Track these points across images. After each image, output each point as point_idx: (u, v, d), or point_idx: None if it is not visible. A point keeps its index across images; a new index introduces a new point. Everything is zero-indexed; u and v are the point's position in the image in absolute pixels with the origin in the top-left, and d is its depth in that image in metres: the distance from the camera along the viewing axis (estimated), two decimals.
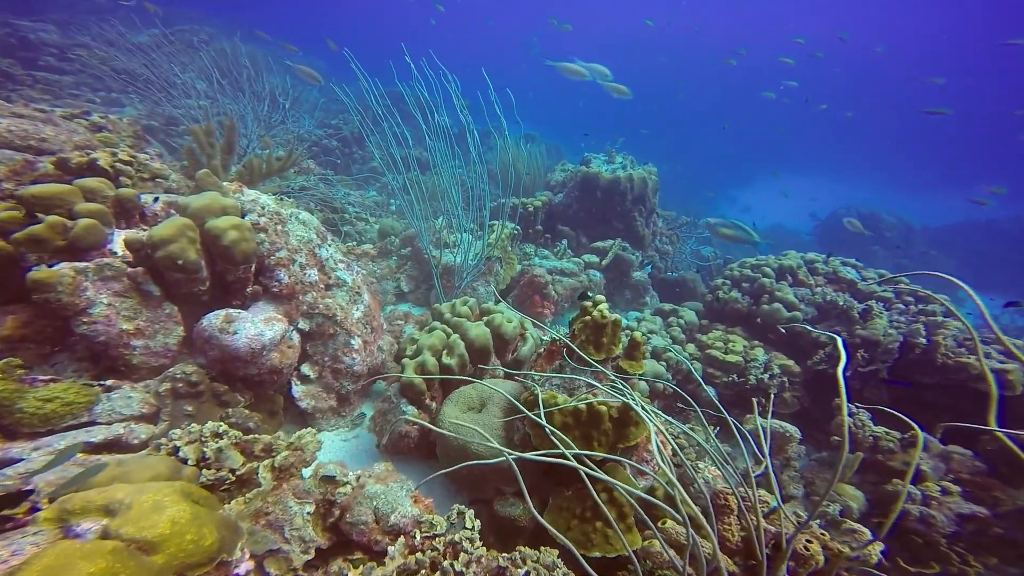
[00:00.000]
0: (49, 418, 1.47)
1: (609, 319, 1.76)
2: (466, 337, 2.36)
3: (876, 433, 2.20)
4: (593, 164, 5.07)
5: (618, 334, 1.80)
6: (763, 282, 3.43)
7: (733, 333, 3.32)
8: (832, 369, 2.80)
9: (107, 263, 1.71)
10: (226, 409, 1.92)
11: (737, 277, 3.65)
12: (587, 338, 1.80)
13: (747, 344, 3.16)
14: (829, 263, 3.46)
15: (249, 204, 2.27)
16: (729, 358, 3.03)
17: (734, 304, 3.49)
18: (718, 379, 3.05)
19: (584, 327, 1.82)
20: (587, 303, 1.91)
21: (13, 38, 7.34)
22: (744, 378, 2.96)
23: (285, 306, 2.28)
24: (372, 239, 4.68)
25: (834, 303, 3.03)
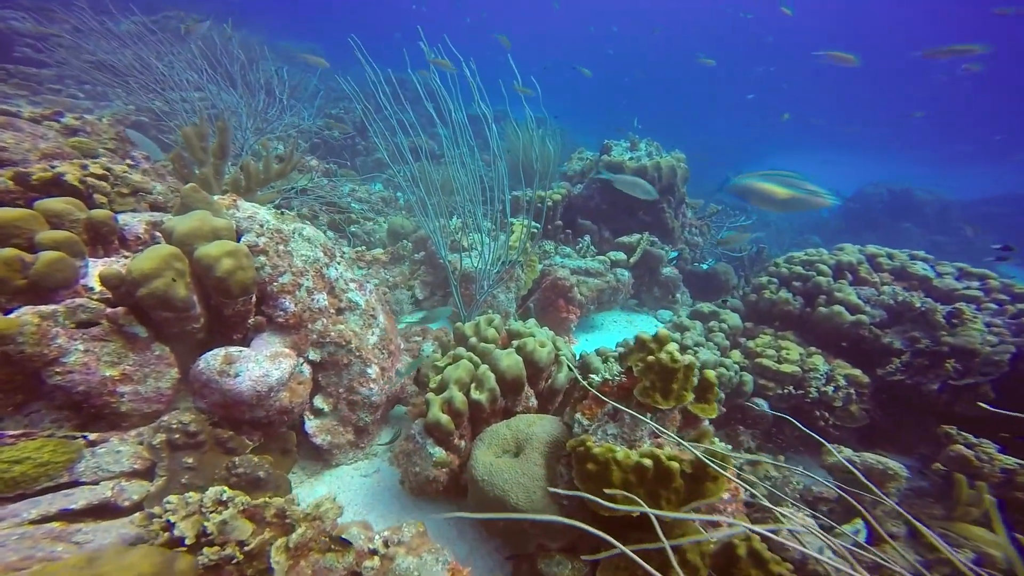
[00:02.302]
0: (18, 482, 1.23)
1: (681, 363, 1.48)
2: (496, 368, 2.09)
3: (1008, 466, 1.90)
4: (614, 152, 4.69)
5: (691, 379, 1.51)
6: (818, 281, 3.10)
7: (784, 339, 3.03)
8: (912, 379, 2.51)
9: (80, 304, 1.44)
10: (232, 457, 1.67)
11: (786, 275, 3.32)
12: (652, 384, 1.51)
13: (803, 351, 2.87)
14: (895, 257, 3.11)
15: (245, 222, 1.97)
16: (784, 368, 2.74)
17: (783, 306, 3.18)
18: (771, 391, 2.78)
19: (647, 370, 1.53)
20: (649, 340, 1.62)
21: None
22: (803, 390, 2.68)
23: (292, 337, 2.01)
24: (381, 239, 4.38)
25: (908, 304, 2.70)
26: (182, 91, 5.31)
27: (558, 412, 2.43)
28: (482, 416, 2.09)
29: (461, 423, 2.03)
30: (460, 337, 2.46)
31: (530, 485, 1.71)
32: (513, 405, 2.18)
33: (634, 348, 1.72)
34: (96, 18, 6.32)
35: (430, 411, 1.97)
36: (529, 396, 2.24)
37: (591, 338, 4.14)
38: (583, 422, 1.73)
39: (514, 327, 2.42)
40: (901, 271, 3.05)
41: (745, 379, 2.81)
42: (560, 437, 1.87)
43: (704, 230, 5.03)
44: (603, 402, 1.77)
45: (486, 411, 2.07)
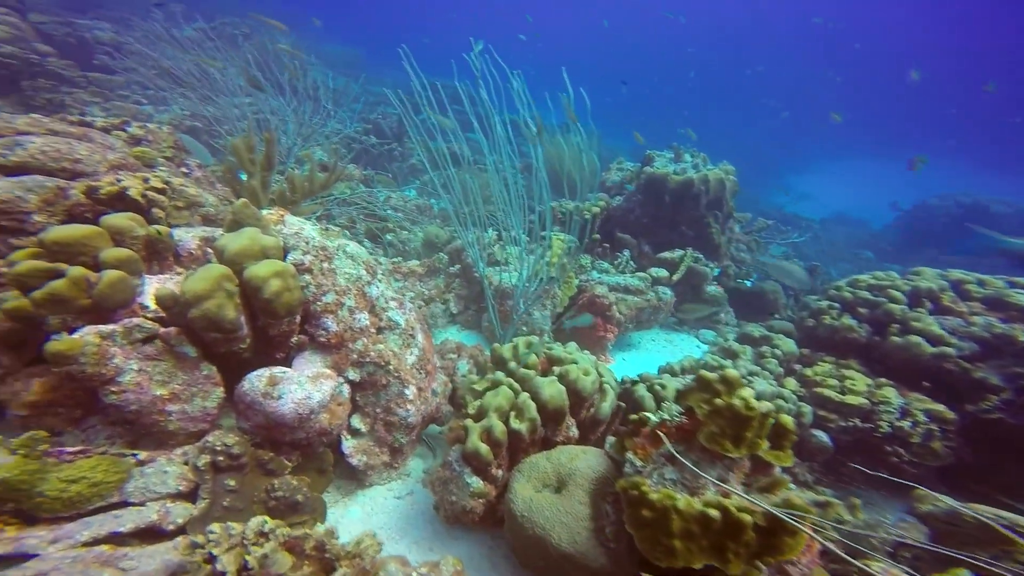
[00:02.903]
0: (74, 502, 1.25)
1: (757, 411, 1.34)
2: (537, 397, 2.00)
3: None
4: (657, 163, 4.51)
5: (767, 426, 1.37)
6: (889, 308, 2.84)
7: (848, 368, 2.79)
8: (1017, 419, 2.25)
9: (137, 324, 1.45)
10: (271, 480, 1.66)
11: (849, 300, 3.07)
12: (721, 430, 1.38)
13: (871, 383, 2.63)
14: (988, 284, 2.80)
15: (292, 239, 1.97)
16: (849, 399, 2.53)
17: (847, 333, 2.94)
18: (832, 423, 2.57)
19: (715, 414, 1.40)
20: (715, 380, 1.48)
21: (72, 38, 7.42)
22: (871, 423, 2.46)
23: (333, 356, 2.00)
24: (416, 248, 4.39)
25: (1009, 338, 2.42)
26: (234, 96, 5.54)
27: (599, 441, 2.32)
28: (521, 446, 2.01)
29: (500, 453, 1.95)
30: (498, 359, 2.39)
31: (574, 525, 1.61)
32: (553, 435, 2.09)
33: (695, 387, 1.59)
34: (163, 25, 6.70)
35: (469, 439, 1.91)
36: (570, 426, 2.14)
37: (628, 357, 3.99)
38: (635, 462, 1.61)
39: (555, 352, 2.32)
40: (997, 300, 2.73)
41: (804, 410, 2.61)
42: (606, 474, 1.76)
43: (752, 246, 4.76)
44: (658, 442, 1.64)
45: (525, 441, 1.99)
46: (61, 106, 5.36)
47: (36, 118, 2.62)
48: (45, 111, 5.28)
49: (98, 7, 8.89)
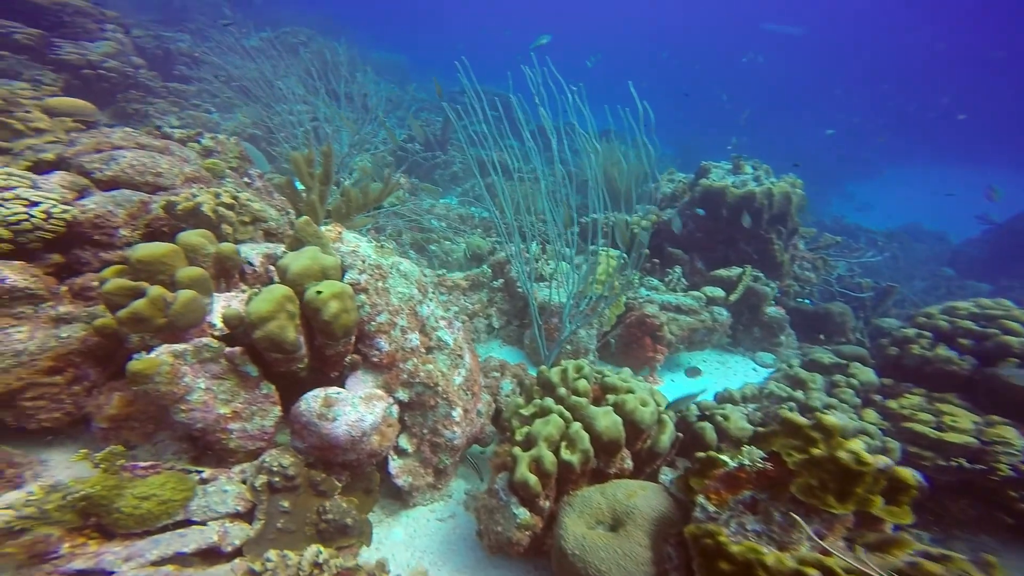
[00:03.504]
0: (145, 519, 1.29)
1: (871, 466, 1.18)
2: (591, 428, 1.90)
3: None
4: (713, 175, 4.26)
5: (880, 482, 1.21)
6: (1005, 341, 2.52)
7: (944, 401, 2.50)
8: None
9: (205, 344, 1.50)
10: (323, 501, 1.67)
11: (947, 330, 2.75)
12: (822, 483, 1.23)
13: (978, 420, 2.35)
14: None
15: (349, 257, 1.99)
16: (950, 437, 2.26)
17: (944, 365, 2.63)
18: (927, 461, 2.31)
19: (812, 465, 1.25)
20: (807, 427, 1.32)
21: (160, 50, 8.06)
22: (984, 464, 2.19)
23: (384, 376, 1.99)
24: (458, 259, 4.39)
25: None
26: (292, 103, 5.81)
27: (654, 474, 2.19)
28: (571, 477, 1.91)
29: (548, 484, 1.87)
30: (546, 384, 2.30)
31: (632, 569, 1.50)
32: (606, 467, 1.98)
33: (780, 431, 1.44)
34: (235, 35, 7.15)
35: (517, 469, 1.83)
36: (624, 458, 2.02)
37: (678, 379, 3.78)
38: (708, 507, 1.47)
39: (609, 380, 2.20)
40: None
41: (891, 446, 2.36)
42: (668, 514, 1.63)
43: (818, 264, 4.38)
44: (737, 487, 1.49)
45: (576, 473, 1.89)
46: (145, 116, 5.82)
47: (128, 132, 2.83)
48: (133, 121, 5.77)
49: (183, 20, 9.65)
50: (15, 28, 4.93)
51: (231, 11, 10.48)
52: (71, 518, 1.14)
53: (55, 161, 2.37)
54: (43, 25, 5.31)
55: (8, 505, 1.09)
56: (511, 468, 1.89)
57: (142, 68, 6.30)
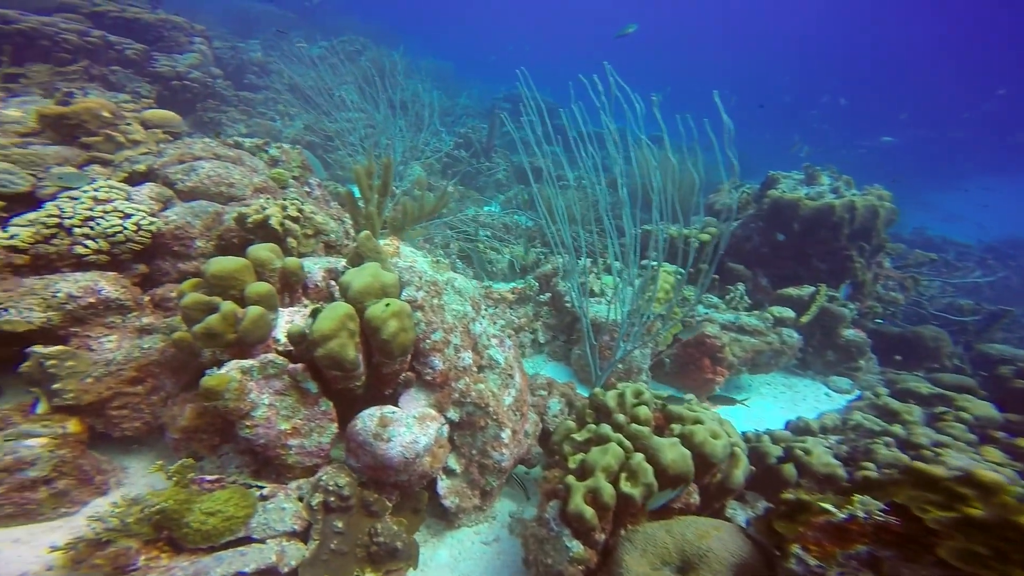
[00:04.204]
0: (210, 535, 1.32)
1: None
2: (655, 460, 1.76)
3: None
4: (783, 186, 3.93)
5: None
6: None
7: None
8: None
9: (270, 360, 1.52)
10: (374, 522, 1.66)
11: None
12: (997, 552, 1.04)
13: None
14: None
15: (407, 273, 1.98)
16: None
17: None
18: None
19: (971, 528, 1.06)
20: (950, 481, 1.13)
21: (235, 60, 8.69)
22: None
23: (437, 395, 1.96)
24: (502, 269, 4.34)
25: None
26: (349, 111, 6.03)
27: (722, 510, 2.02)
28: (630, 511, 1.79)
29: (606, 517, 1.76)
30: (601, 408, 2.18)
31: None
32: (670, 501, 1.84)
33: (906, 481, 1.25)
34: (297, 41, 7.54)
35: (572, 500, 1.73)
36: (691, 492, 1.87)
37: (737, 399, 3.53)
38: (807, 560, 1.30)
39: (673, 409, 2.05)
40: None
41: None
42: (749, 560, 1.46)
43: (907, 284, 3.92)
44: (847, 541, 1.31)
45: (636, 507, 1.76)
46: (219, 124, 6.26)
47: (207, 143, 3.01)
48: (208, 128, 6.23)
49: (256, 31, 10.35)
50: (127, 44, 5.47)
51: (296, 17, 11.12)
52: (147, 531, 1.19)
53: (146, 172, 2.56)
54: (147, 40, 5.87)
55: (98, 517, 1.15)
56: (564, 497, 1.79)
57: (219, 78, 6.78)
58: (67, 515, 1.35)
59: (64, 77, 4.21)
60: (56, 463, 1.31)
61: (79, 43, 4.93)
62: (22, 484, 1.26)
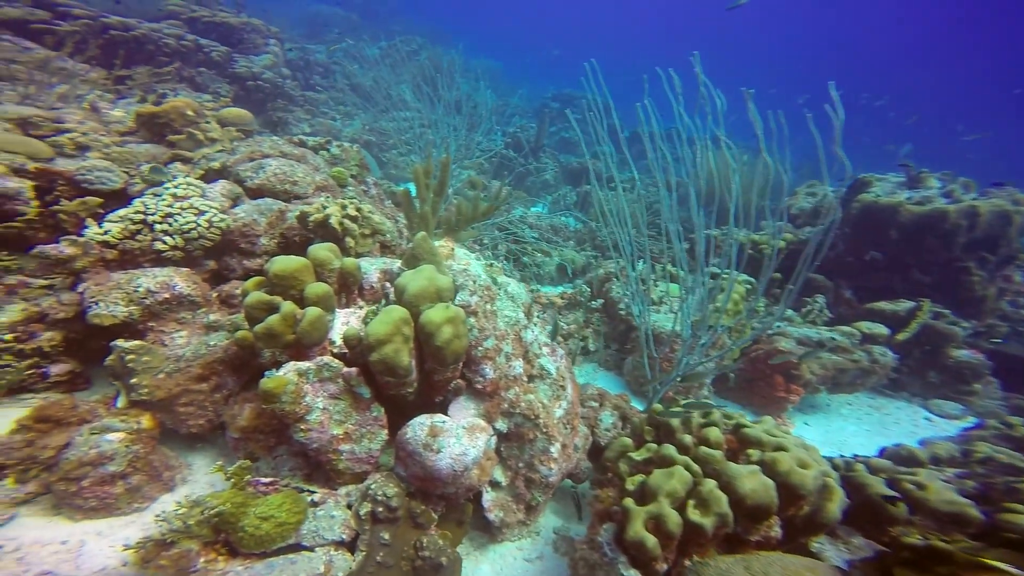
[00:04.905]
0: (263, 540, 1.32)
1: None
2: (732, 489, 1.57)
3: None
4: (878, 188, 3.45)
5: None
6: None
7: None
8: None
9: (326, 363, 1.51)
10: (420, 535, 1.61)
11: None
12: None
13: None
14: None
15: (461, 276, 1.91)
16: None
17: None
18: None
19: None
20: None
21: (302, 60, 9.16)
22: None
23: (486, 404, 1.88)
24: (550, 272, 4.20)
25: None
26: (405, 111, 6.13)
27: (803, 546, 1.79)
28: (698, 541, 1.61)
29: (669, 546, 1.60)
30: (662, 427, 2.01)
31: None
32: (745, 533, 1.64)
33: None
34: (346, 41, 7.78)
35: (631, 525, 1.59)
36: (772, 524, 1.66)
37: (813, 422, 3.18)
38: None
39: (750, 432, 1.83)
40: None
41: None
42: None
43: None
44: None
45: (706, 537, 1.59)
46: (286, 124, 6.61)
47: (275, 141, 3.14)
48: (277, 128, 6.61)
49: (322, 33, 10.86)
50: (214, 47, 5.93)
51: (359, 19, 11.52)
52: (207, 533, 1.21)
53: (220, 169, 2.69)
54: (231, 42, 6.31)
55: (163, 517, 1.18)
56: (621, 521, 1.66)
57: (288, 79, 7.16)
58: (139, 510, 1.42)
59: (160, 78, 4.60)
60: (131, 458, 1.38)
61: (176, 47, 5.38)
62: (103, 478, 1.34)
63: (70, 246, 1.67)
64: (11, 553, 1.21)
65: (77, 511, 1.34)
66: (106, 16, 4.77)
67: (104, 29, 4.68)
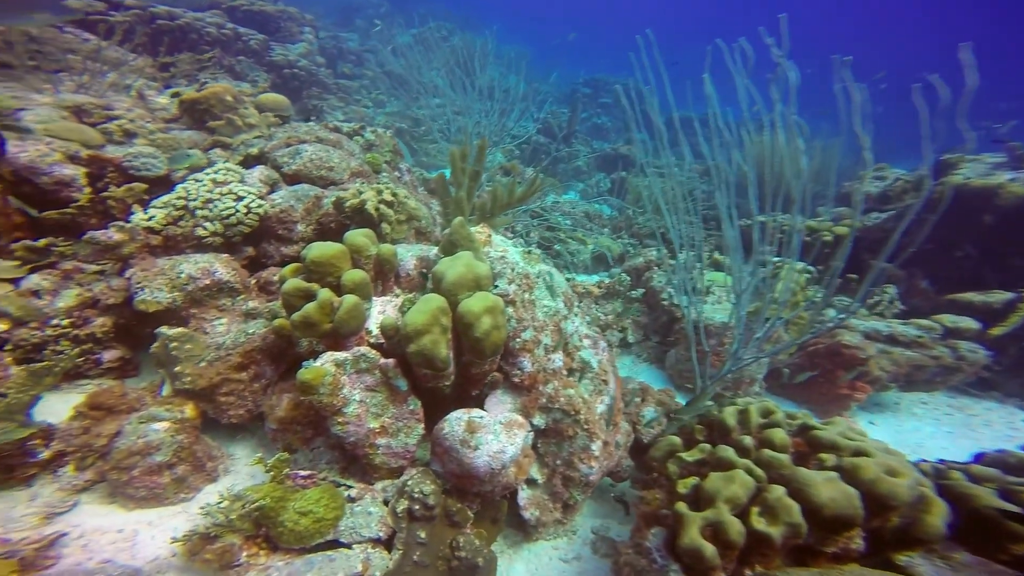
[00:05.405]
0: (302, 536, 1.30)
1: None
2: (806, 497, 1.41)
3: None
4: (965, 170, 3.05)
5: None
6: None
7: None
8: None
9: (363, 354, 1.46)
10: (456, 534, 1.56)
11: None
12: None
13: None
14: None
15: (498, 264, 1.81)
16: None
17: None
18: None
19: None
20: None
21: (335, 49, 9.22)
22: None
23: (523, 398, 1.79)
24: (584, 260, 4.02)
25: None
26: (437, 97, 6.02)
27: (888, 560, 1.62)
28: (763, 552, 1.47)
29: (729, 556, 1.48)
30: (716, 425, 1.85)
31: None
32: (819, 544, 1.48)
33: None
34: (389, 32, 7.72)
35: (685, 532, 1.47)
36: (853, 536, 1.50)
37: (882, 421, 2.93)
38: None
39: (822, 434, 1.64)
40: None
41: None
42: None
43: None
44: None
45: (773, 548, 1.45)
46: (320, 112, 6.66)
47: (311, 127, 3.12)
48: (311, 115, 6.68)
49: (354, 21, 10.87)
50: (252, 35, 6.04)
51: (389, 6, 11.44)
52: (248, 527, 1.20)
53: (258, 156, 2.70)
54: (268, 30, 6.41)
55: (207, 511, 1.18)
56: (672, 527, 1.55)
57: (322, 67, 7.21)
58: (185, 500, 1.44)
59: (201, 65, 4.72)
60: (176, 448, 1.40)
61: (217, 35, 5.51)
62: (151, 468, 1.36)
63: (118, 232, 1.70)
64: (77, 540, 1.25)
65: (130, 500, 1.38)
66: (154, 5, 4.92)
67: (152, 19, 4.83)
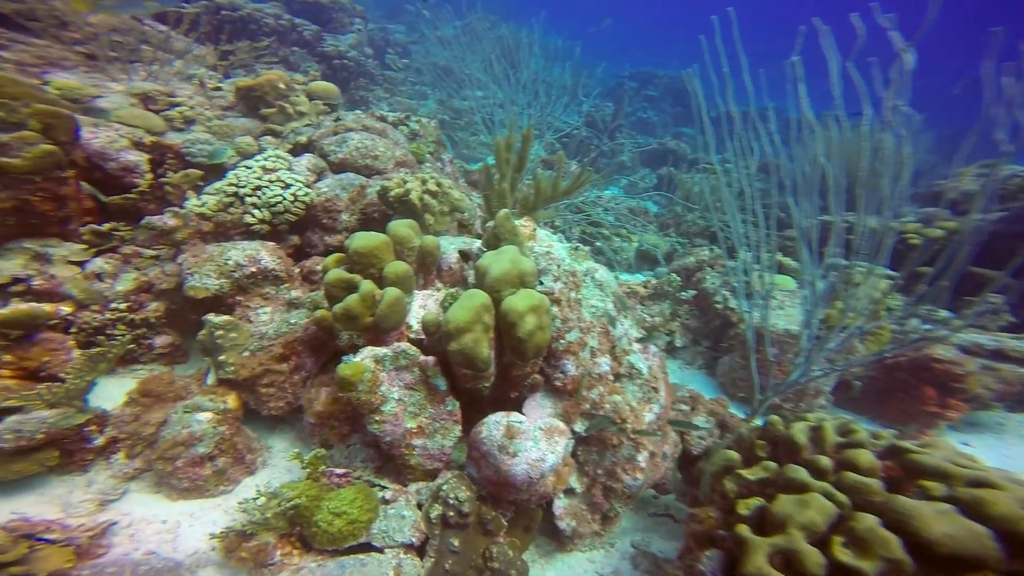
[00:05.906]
0: (335, 538, 1.28)
1: None
2: (912, 530, 1.22)
3: None
4: None
5: None
6: None
7: None
8: None
9: (403, 350, 1.41)
10: (489, 543, 1.49)
11: None
12: None
13: None
14: None
15: (543, 260, 1.70)
16: None
17: None
18: None
19: None
20: None
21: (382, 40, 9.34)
22: None
23: (565, 403, 1.68)
24: (628, 258, 3.81)
25: None
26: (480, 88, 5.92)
27: None
28: None
29: None
30: (783, 442, 1.66)
31: None
32: None
33: None
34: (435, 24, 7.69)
35: (750, 559, 1.31)
36: None
37: (976, 442, 2.62)
38: None
39: (925, 460, 1.41)
40: None
41: None
42: None
43: None
44: None
45: None
46: (367, 103, 6.76)
47: (358, 115, 3.12)
48: (358, 106, 6.79)
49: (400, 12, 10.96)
50: (306, 26, 6.21)
51: None
52: (283, 525, 1.19)
53: (307, 144, 2.72)
54: (321, 21, 6.57)
55: (243, 508, 1.18)
56: (732, 551, 1.40)
57: (370, 58, 7.30)
58: (225, 493, 1.46)
59: (258, 54, 4.89)
60: (218, 440, 1.41)
61: (275, 26, 5.71)
62: (193, 459, 1.38)
63: (172, 217, 1.75)
64: (126, 529, 1.29)
65: (174, 491, 1.41)
66: None
67: (217, 9, 5.05)
